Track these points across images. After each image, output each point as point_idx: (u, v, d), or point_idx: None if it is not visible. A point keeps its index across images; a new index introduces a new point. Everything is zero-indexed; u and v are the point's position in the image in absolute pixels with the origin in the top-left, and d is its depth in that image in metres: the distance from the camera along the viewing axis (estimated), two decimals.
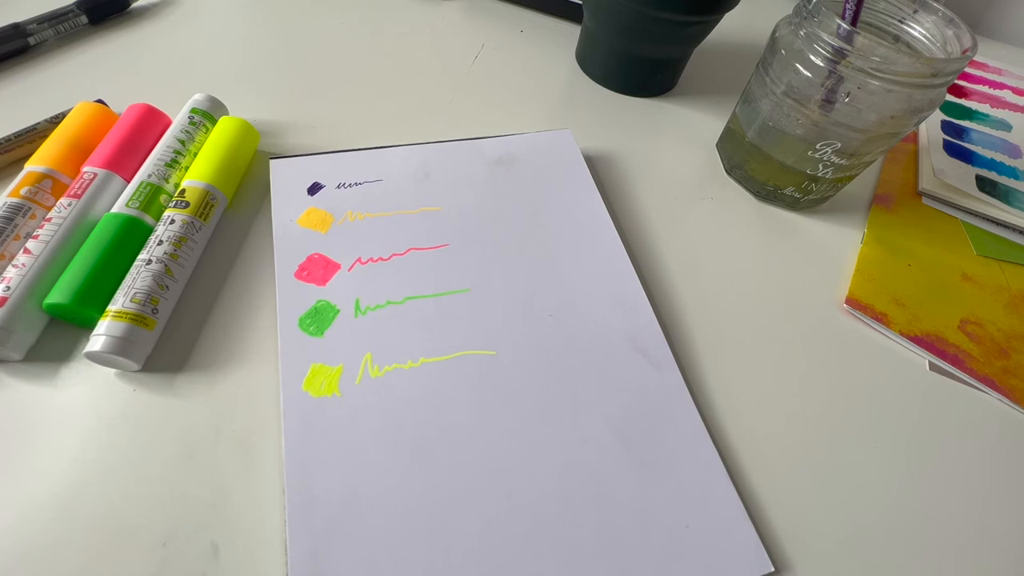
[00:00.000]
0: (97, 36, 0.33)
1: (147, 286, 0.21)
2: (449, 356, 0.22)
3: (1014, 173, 0.34)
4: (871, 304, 0.27)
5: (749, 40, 0.42)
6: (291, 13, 0.37)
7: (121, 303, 0.20)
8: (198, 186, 0.24)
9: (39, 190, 0.23)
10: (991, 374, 0.25)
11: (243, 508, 0.18)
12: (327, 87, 0.33)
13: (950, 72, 0.23)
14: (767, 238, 0.29)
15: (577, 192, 0.29)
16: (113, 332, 0.20)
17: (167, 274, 0.22)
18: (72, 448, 0.19)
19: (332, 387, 0.21)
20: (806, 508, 0.21)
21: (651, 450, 0.21)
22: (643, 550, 0.19)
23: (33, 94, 0.30)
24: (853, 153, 0.26)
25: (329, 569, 0.17)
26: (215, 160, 0.25)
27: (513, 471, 0.20)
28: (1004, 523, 0.21)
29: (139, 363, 0.21)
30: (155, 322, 0.21)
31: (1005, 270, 0.29)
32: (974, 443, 0.23)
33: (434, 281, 0.24)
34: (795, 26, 0.26)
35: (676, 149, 0.33)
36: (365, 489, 0.19)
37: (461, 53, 0.37)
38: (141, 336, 0.20)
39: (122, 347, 0.20)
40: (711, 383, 0.23)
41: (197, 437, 0.20)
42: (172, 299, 0.22)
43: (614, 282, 0.25)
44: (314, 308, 0.23)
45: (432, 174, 0.28)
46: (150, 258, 0.22)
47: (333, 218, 0.26)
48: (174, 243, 0.22)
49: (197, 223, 0.24)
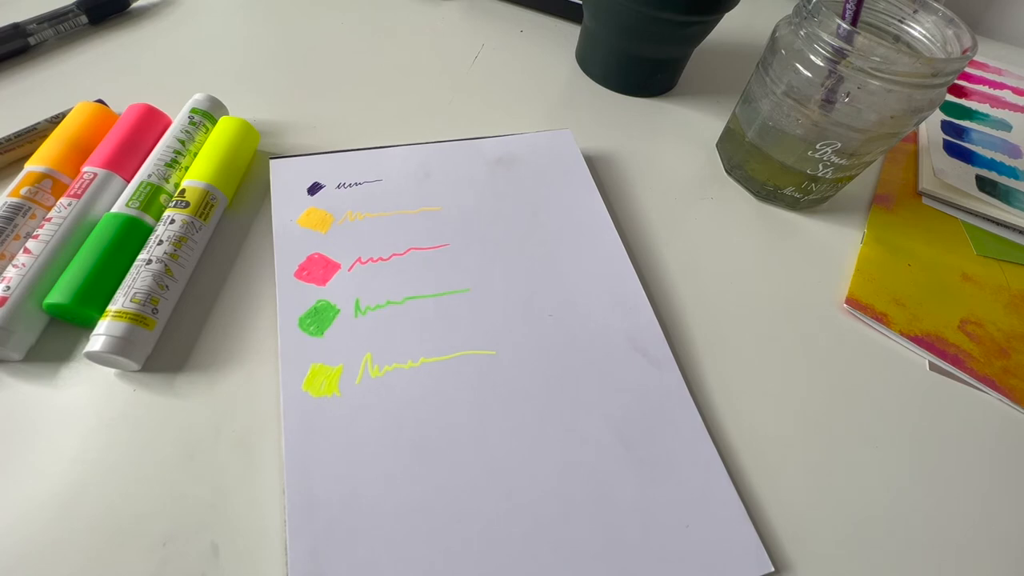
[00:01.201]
0: (97, 36, 0.33)
1: (147, 286, 0.21)
2: (449, 356, 0.22)
3: (1014, 173, 0.34)
4: (871, 304, 0.27)
5: (749, 40, 0.42)
6: (291, 13, 0.37)
7: (121, 303, 0.20)
8: (198, 186, 0.24)
9: (39, 190, 0.23)
10: (991, 374, 0.25)
11: (243, 508, 0.18)
12: (327, 87, 0.33)
13: (950, 72, 0.23)
14: (767, 238, 0.29)
15: (577, 192, 0.29)
16: (113, 332, 0.20)
17: (167, 274, 0.22)
18: (72, 448, 0.19)
19: (332, 387, 0.21)
20: (806, 508, 0.21)
21: (651, 450, 0.21)
22: (643, 550, 0.19)
23: (33, 94, 0.30)
24: (853, 153, 0.26)
25: (329, 569, 0.17)
26: (215, 160, 0.25)
27: (513, 471, 0.20)
28: (1004, 523, 0.21)
29: (139, 363, 0.21)
30: (155, 322, 0.21)
31: (1005, 270, 0.29)
32: (974, 443, 0.23)
33: (434, 281, 0.24)
34: (795, 26, 0.26)
35: (676, 149, 0.33)
36: (365, 489, 0.19)
37: (461, 53, 0.37)
38: (141, 336, 0.20)
39: (122, 347, 0.20)
40: (711, 383, 0.23)
41: (197, 437, 0.20)
42: (172, 299, 0.22)
43: (614, 282, 0.25)
44: (314, 308, 0.23)
45: (432, 174, 0.28)
46: (150, 258, 0.22)
47: (333, 218, 0.26)
48: (174, 243, 0.22)
49: (197, 223, 0.24)
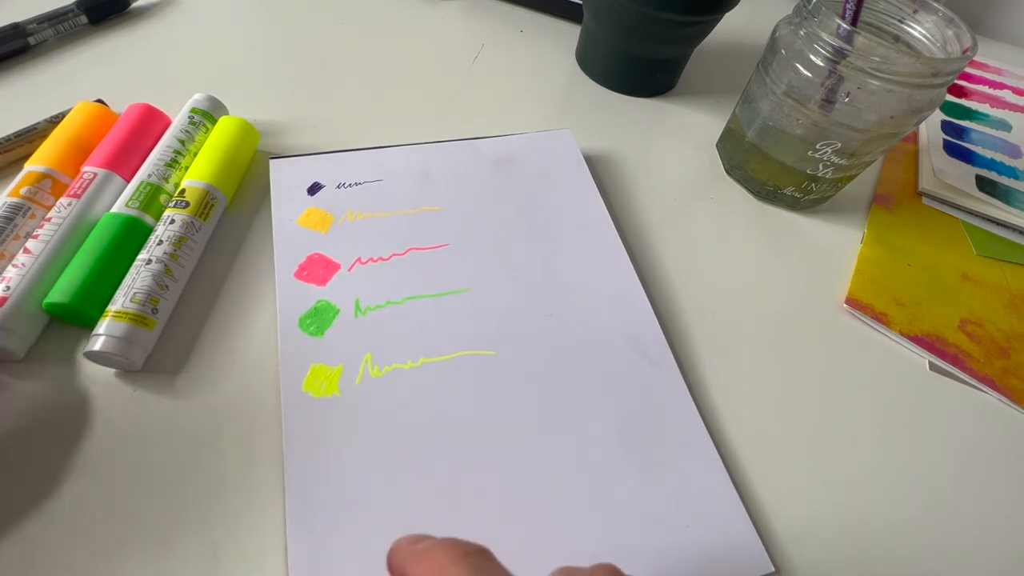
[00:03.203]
0: (97, 36, 0.33)
1: (147, 286, 0.21)
2: (449, 356, 0.22)
3: (1014, 173, 0.34)
4: (871, 304, 0.27)
5: (749, 40, 0.42)
6: (291, 13, 0.37)
7: (121, 303, 0.20)
8: (198, 186, 0.24)
9: (39, 190, 0.23)
10: (991, 374, 0.25)
11: (243, 508, 0.18)
12: (327, 87, 0.33)
13: (950, 72, 0.23)
14: (767, 238, 0.29)
15: (577, 192, 0.29)
16: (113, 332, 0.20)
17: (167, 274, 0.22)
18: (72, 448, 0.19)
19: (332, 387, 0.21)
20: (807, 508, 0.21)
21: (651, 450, 0.21)
22: (643, 550, 0.19)
23: (33, 94, 0.30)
24: (853, 153, 0.26)
25: (329, 570, 0.17)
26: (215, 160, 0.25)
27: (513, 471, 0.20)
28: (1004, 523, 0.21)
29: (139, 363, 0.21)
30: (155, 322, 0.21)
31: (1005, 270, 0.29)
32: (974, 443, 0.23)
33: (434, 281, 0.24)
34: (795, 26, 0.26)
35: (676, 149, 0.33)
36: (365, 490, 0.19)
37: (461, 53, 0.37)
38: (141, 336, 0.20)
39: (122, 347, 0.20)
40: (710, 382, 0.23)
41: (197, 437, 0.20)
42: (172, 299, 0.22)
43: (614, 282, 0.25)
44: (314, 308, 0.23)
45: (432, 174, 0.28)
46: (150, 258, 0.22)
47: (333, 218, 0.26)
48: (174, 243, 0.22)
49: (197, 223, 0.24)
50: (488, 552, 0.12)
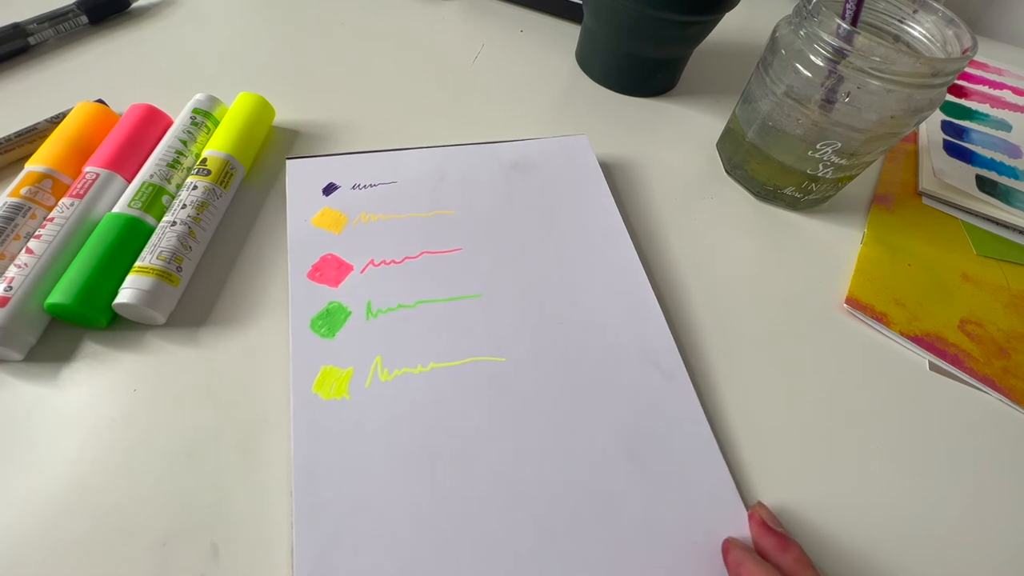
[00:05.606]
0: (97, 36, 0.33)
1: (172, 245, 0.22)
2: (459, 362, 0.22)
3: (1014, 173, 0.34)
4: (871, 304, 0.27)
5: (749, 40, 0.42)
6: (291, 13, 0.37)
7: (148, 260, 0.22)
8: (219, 156, 0.25)
9: (39, 190, 0.23)
10: (991, 374, 0.25)
11: (245, 509, 0.18)
12: (326, 87, 0.33)
13: (950, 72, 0.23)
14: (767, 238, 0.29)
15: (592, 200, 0.28)
16: (141, 286, 0.21)
17: (191, 236, 0.23)
18: (72, 448, 0.19)
19: (342, 390, 0.21)
20: (818, 523, 0.20)
21: (660, 463, 0.20)
22: (652, 563, 0.18)
23: (33, 94, 0.30)
24: (853, 153, 0.26)
25: (335, 572, 0.17)
26: (234, 132, 0.27)
27: (521, 479, 0.20)
28: (1004, 522, 0.21)
29: (164, 316, 0.22)
30: (179, 279, 0.22)
31: (1005, 270, 0.29)
32: (974, 443, 0.23)
33: (446, 285, 0.24)
34: (795, 26, 0.26)
35: (676, 149, 0.33)
36: (372, 493, 0.19)
37: (461, 53, 0.37)
38: (166, 291, 0.21)
39: (149, 299, 0.21)
40: (714, 385, 0.23)
41: (199, 438, 0.20)
42: (194, 259, 0.23)
43: (627, 291, 0.25)
44: (326, 310, 0.23)
45: (447, 177, 0.28)
46: (175, 220, 0.23)
47: (347, 219, 0.26)
48: (197, 207, 0.24)
49: (218, 190, 0.25)
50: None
